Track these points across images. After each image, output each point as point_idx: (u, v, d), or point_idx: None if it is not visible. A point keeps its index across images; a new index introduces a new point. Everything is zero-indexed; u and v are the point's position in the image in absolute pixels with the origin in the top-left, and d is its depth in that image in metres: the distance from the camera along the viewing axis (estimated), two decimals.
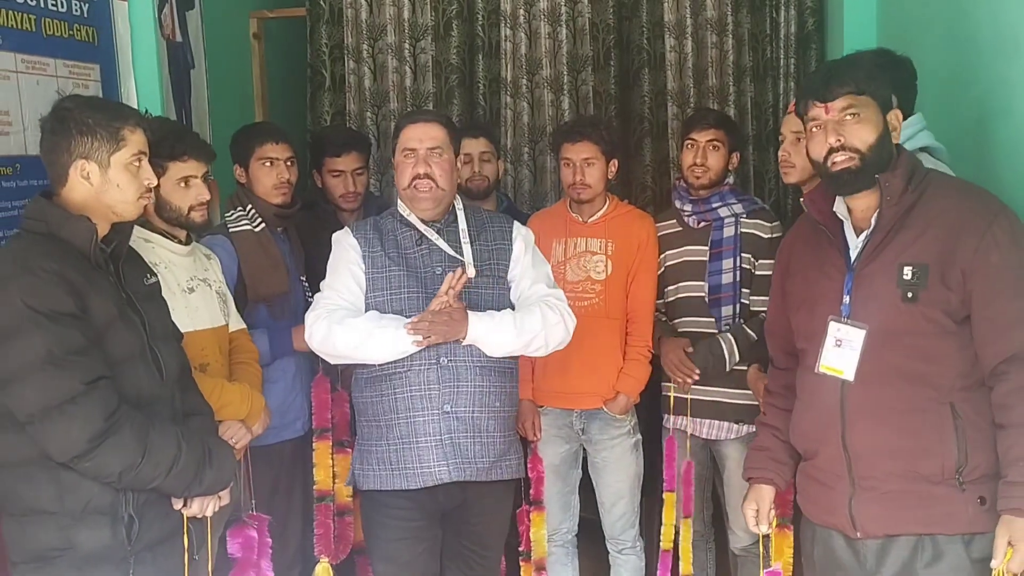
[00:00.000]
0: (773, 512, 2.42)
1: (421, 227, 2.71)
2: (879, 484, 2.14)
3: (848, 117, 2.11)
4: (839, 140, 2.11)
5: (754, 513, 2.44)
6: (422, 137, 2.68)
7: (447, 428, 2.61)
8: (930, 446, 2.09)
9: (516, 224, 2.87)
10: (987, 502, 2.06)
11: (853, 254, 2.21)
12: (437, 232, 2.72)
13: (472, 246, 2.72)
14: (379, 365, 2.62)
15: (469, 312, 2.59)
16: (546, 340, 2.68)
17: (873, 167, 2.12)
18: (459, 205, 2.79)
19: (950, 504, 2.09)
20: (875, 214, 2.15)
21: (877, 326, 2.12)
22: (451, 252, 2.70)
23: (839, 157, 2.12)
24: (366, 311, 2.65)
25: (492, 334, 2.61)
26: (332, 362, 2.78)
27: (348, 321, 2.60)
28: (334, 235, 2.80)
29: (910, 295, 2.08)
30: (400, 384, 2.61)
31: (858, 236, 2.21)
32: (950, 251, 2.06)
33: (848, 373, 2.16)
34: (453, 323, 2.56)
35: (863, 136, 2.11)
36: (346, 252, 2.72)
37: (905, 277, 2.09)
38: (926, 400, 2.09)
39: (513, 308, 2.72)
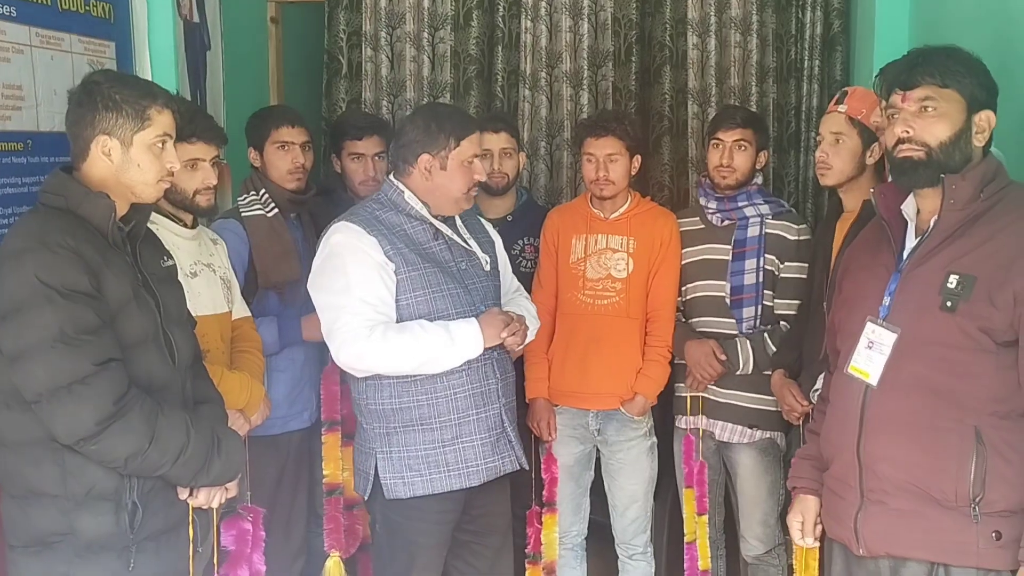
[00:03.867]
0: (819, 524, 2.30)
1: (435, 222, 2.67)
2: (887, 499, 2.04)
3: (924, 110, 2.00)
4: (907, 132, 2.01)
5: (799, 525, 2.31)
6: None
7: (507, 419, 2.68)
8: (945, 467, 1.97)
9: (480, 218, 2.93)
10: (1003, 538, 1.93)
11: (906, 255, 2.11)
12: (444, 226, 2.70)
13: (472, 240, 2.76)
14: None
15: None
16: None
17: (939, 165, 2.00)
18: None
19: (960, 533, 1.96)
20: (935, 217, 2.05)
21: (909, 332, 2.03)
22: (466, 246, 2.68)
23: (904, 147, 2.02)
24: (404, 314, 2.56)
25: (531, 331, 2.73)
26: (360, 376, 2.64)
27: (398, 339, 2.50)
28: (338, 236, 2.59)
29: (949, 304, 1.96)
30: (460, 383, 2.59)
31: (917, 238, 2.11)
32: (1005, 269, 1.94)
33: (873, 378, 2.06)
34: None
35: (936, 132, 2.00)
36: (369, 254, 2.54)
37: (949, 285, 1.97)
38: (948, 419, 1.97)
39: None
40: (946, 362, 1.98)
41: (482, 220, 2.91)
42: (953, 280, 1.97)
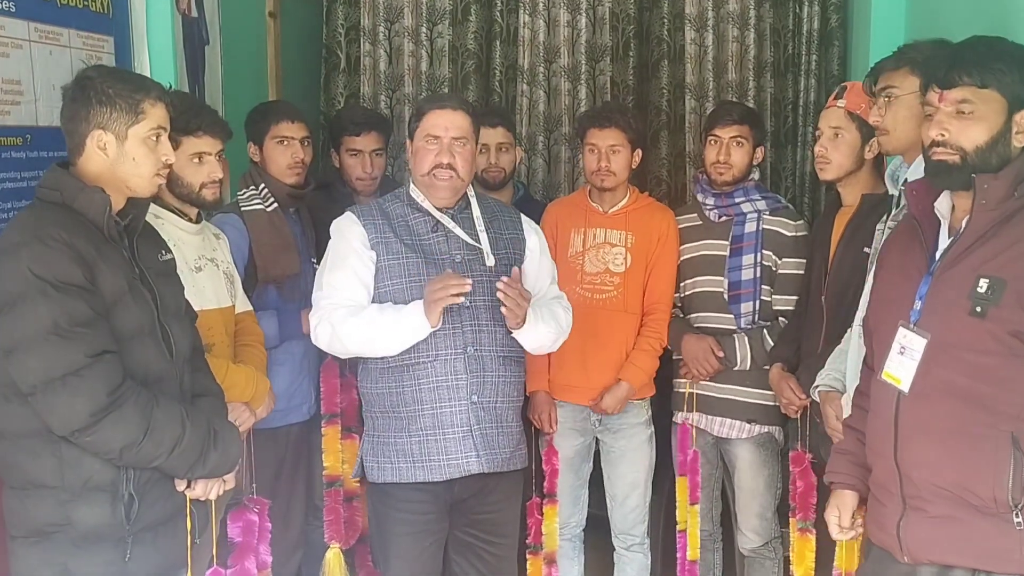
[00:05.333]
0: (859, 519, 2.27)
1: (436, 213, 2.67)
2: (926, 506, 1.98)
3: (961, 112, 1.94)
4: (942, 135, 1.95)
5: (836, 519, 2.27)
6: (448, 126, 2.63)
7: (475, 419, 2.60)
8: (982, 474, 1.92)
9: (523, 216, 2.87)
10: None
11: (938, 256, 2.04)
12: (451, 218, 2.68)
13: (487, 234, 2.70)
14: (399, 356, 2.58)
15: None
16: (564, 338, 2.76)
17: (974, 169, 1.94)
18: (472, 193, 2.76)
19: (1001, 540, 1.92)
20: (967, 217, 1.98)
21: (939, 337, 1.97)
22: (469, 239, 2.66)
23: (938, 150, 1.96)
24: (382, 300, 2.60)
25: (539, 327, 2.63)
26: (343, 357, 2.78)
27: (350, 320, 2.55)
28: (336, 222, 2.72)
29: (978, 309, 1.90)
30: (425, 375, 2.58)
31: (949, 238, 2.04)
32: None
33: (905, 384, 2.02)
34: (525, 308, 2.55)
35: (972, 135, 1.93)
36: (350, 242, 2.64)
37: (979, 290, 1.91)
38: (982, 424, 1.91)
39: None
40: (977, 368, 1.93)
41: (526, 222, 2.84)
42: (983, 284, 1.91)
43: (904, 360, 2.02)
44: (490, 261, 2.65)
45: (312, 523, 3.23)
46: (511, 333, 2.64)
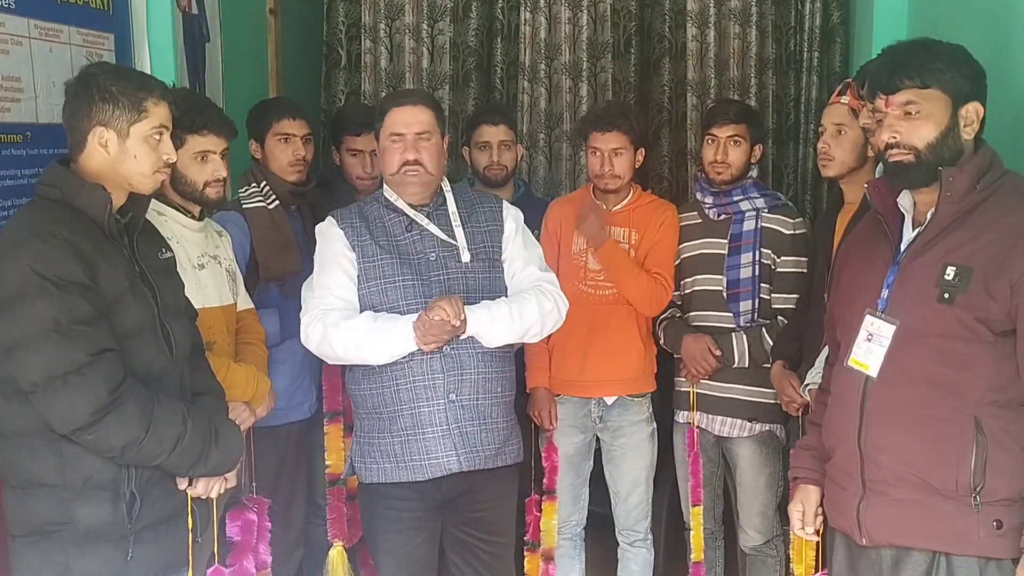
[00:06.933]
0: (821, 515, 2.31)
1: (410, 212, 2.66)
2: (888, 490, 2.06)
3: (908, 114, 2.01)
4: (894, 137, 2.02)
5: (800, 515, 2.32)
6: (409, 121, 2.61)
7: (454, 417, 2.58)
8: (945, 458, 1.98)
9: (505, 204, 2.83)
10: (1004, 526, 1.95)
11: (904, 247, 2.10)
12: (427, 216, 2.67)
13: (463, 229, 2.67)
14: None
15: (466, 307, 2.53)
16: (541, 328, 2.68)
17: (930, 165, 2.01)
18: (447, 187, 2.74)
19: (961, 522, 1.98)
20: (932, 209, 2.05)
21: (908, 324, 2.04)
22: (443, 236, 2.65)
23: (894, 151, 2.04)
24: (360, 304, 2.60)
25: (490, 327, 2.56)
26: (330, 363, 2.77)
27: (343, 324, 2.54)
28: (317, 227, 2.73)
29: (946, 296, 1.97)
30: (403, 375, 2.57)
31: (914, 230, 2.11)
32: (1001, 260, 1.94)
33: (873, 369, 2.07)
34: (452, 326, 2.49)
35: (922, 134, 2.01)
36: (332, 244, 2.65)
37: (946, 277, 1.98)
38: (948, 409, 1.98)
39: (506, 291, 2.69)
40: (945, 353, 1.99)
41: (507, 208, 2.79)
42: (950, 272, 1.98)
43: (872, 347, 2.09)
44: (465, 257, 2.64)
45: (313, 522, 3.23)
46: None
